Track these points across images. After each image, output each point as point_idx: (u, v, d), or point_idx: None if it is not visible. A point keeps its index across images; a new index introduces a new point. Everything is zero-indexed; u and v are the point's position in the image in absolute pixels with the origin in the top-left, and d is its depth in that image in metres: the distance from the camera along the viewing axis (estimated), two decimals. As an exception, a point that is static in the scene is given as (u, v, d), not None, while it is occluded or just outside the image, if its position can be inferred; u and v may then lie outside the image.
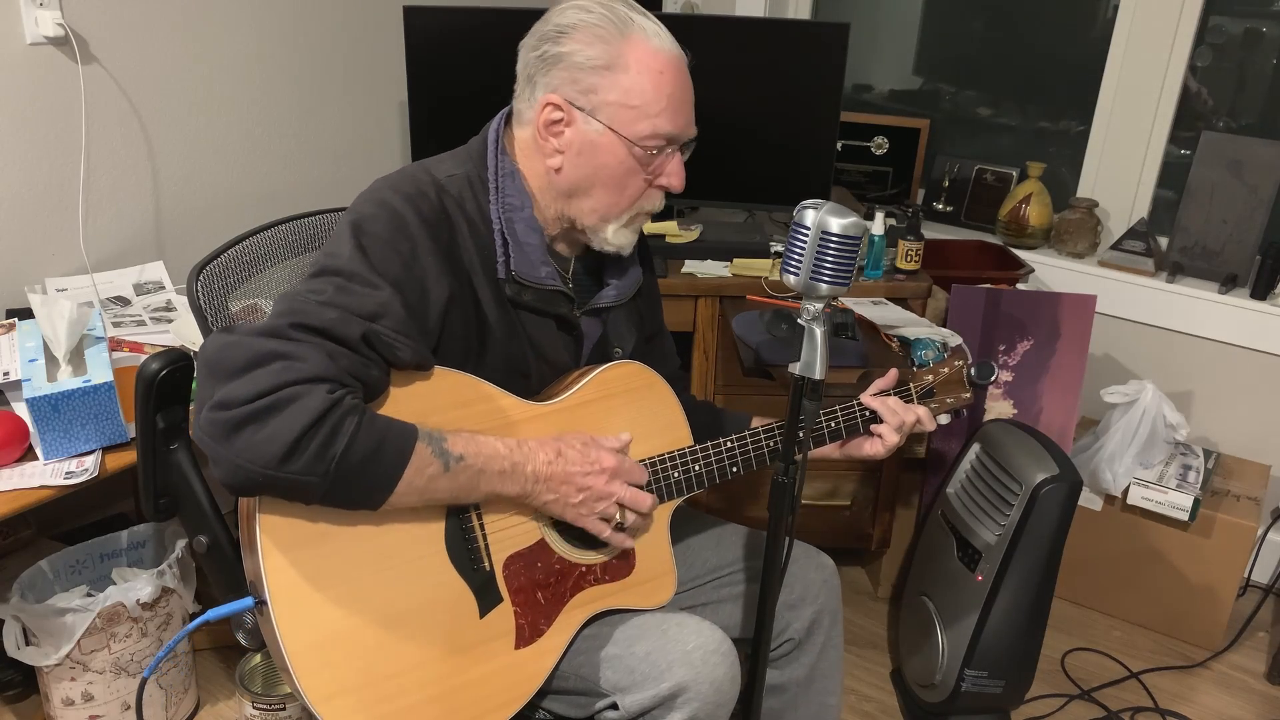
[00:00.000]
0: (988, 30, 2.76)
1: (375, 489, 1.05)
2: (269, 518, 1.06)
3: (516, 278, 1.22)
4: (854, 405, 1.40)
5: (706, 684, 1.18)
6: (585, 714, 1.26)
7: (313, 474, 1.00)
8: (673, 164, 1.25)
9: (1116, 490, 2.21)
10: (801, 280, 1.09)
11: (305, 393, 1.00)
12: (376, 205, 1.15)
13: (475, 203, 1.21)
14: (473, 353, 1.21)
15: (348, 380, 1.04)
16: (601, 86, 1.17)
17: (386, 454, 1.04)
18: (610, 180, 1.21)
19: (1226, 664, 2.20)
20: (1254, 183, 2.34)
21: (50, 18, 1.83)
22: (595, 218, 1.24)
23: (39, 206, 1.92)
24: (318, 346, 1.03)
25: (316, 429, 0.99)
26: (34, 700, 1.85)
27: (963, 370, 1.45)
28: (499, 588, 1.20)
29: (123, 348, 1.79)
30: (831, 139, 2.24)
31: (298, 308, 1.05)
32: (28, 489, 1.50)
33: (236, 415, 0.98)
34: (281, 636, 1.06)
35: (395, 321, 1.08)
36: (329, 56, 2.41)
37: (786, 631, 1.40)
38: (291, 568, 1.07)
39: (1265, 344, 2.35)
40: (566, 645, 1.25)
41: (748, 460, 1.34)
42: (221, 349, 1.01)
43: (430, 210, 1.16)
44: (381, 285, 1.09)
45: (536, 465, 1.16)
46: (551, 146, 1.21)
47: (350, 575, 1.10)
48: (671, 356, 1.53)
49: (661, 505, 1.31)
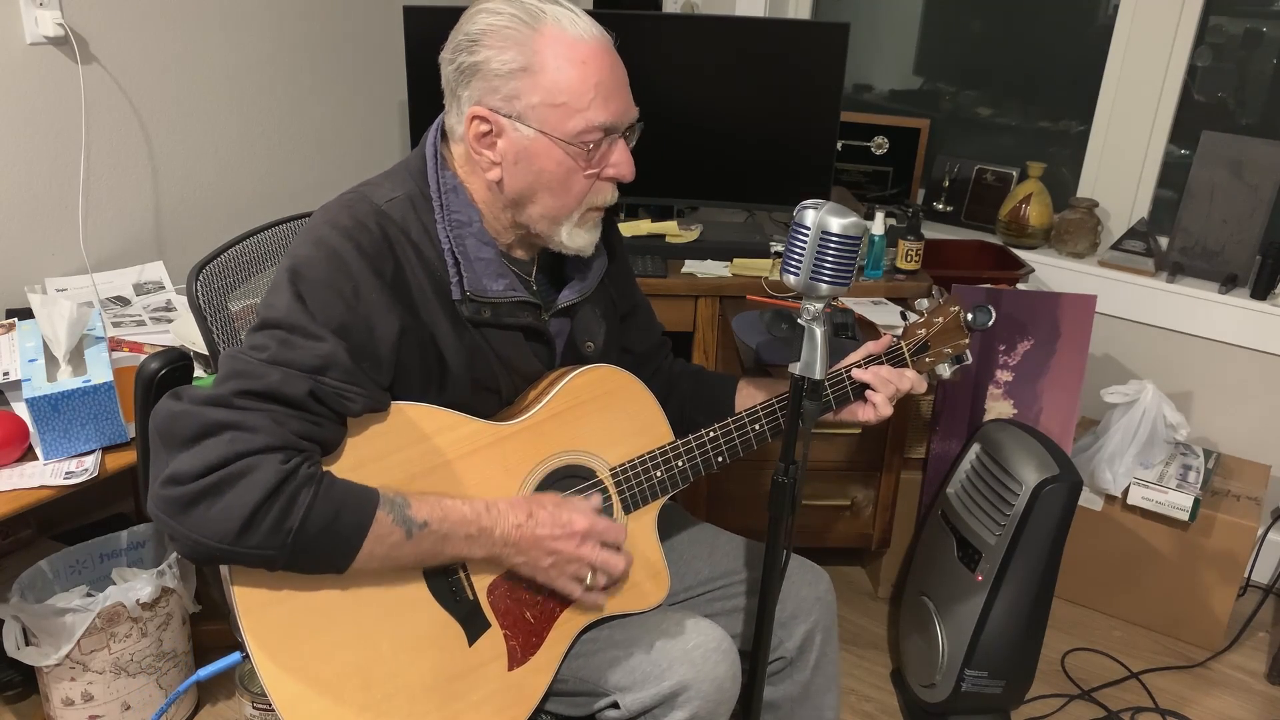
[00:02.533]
0: (988, 30, 2.76)
1: (336, 558, 1.04)
2: (241, 577, 1.05)
3: (472, 296, 1.17)
4: (843, 376, 1.34)
5: (708, 682, 1.18)
6: (586, 713, 1.25)
7: (269, 548, 0.99)
8: (616, 153, 1.18)
9: (1116, 490, 2.21)
10: (801, 280, 1.09)
11: (257, 465, 0.98)
12: (313, 245, 1.10)
13: (420, 224, 1.16)
14: (434, 381, 1.18)
15: (300, 444, 1.02)
16: (523, 90, 1.12)
17: (344, 524, 1.03)
18: (553, 183, 1.16)
19: (1226, 664, 2.20)
20: (1254, 183, 2.33)
21: (50, 18, 1.83)
22: (546, 223, 1.19)
23: (39, 206, 1.92)
24: (265, 413, 1.01)
25: (270, 503, 0.98)
26: (34, 700, 1.85)
27: (959, 315, 1.38)
28: (485, 614, 1.18)
29: (123, 348, 1.79)
30: (831, 139, 2.24)
31: (241, 369, 1.03)
32: (28, 489, 1.50)
33: (189, 491, 0.97)
34: (269, 690, 1.06)
35: (341, 372, 1.05)
36: (329, 57, 2.41)
37: (778, 649, 1.37)
38: (268, 625, 1.06)
39: (1265, 344, 2.35)
40: (562, 658, 1.24)
41: (733, 448, 1.31)
42: (170, 419, 1.00)
43: (370, 243, 1.11)
44: (324, 335, 1.05)
45: (505, 529, 1.13)
46: (487, 159, 1.16)
47: (330, 623, 1.09)
48: (652, 328, 1.49)
49: (648, 505, 1.29)
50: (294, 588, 1.07)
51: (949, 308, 1.38)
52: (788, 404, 1.20)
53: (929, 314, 1.39)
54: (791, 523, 1.18)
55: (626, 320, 1.43)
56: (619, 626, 1.26)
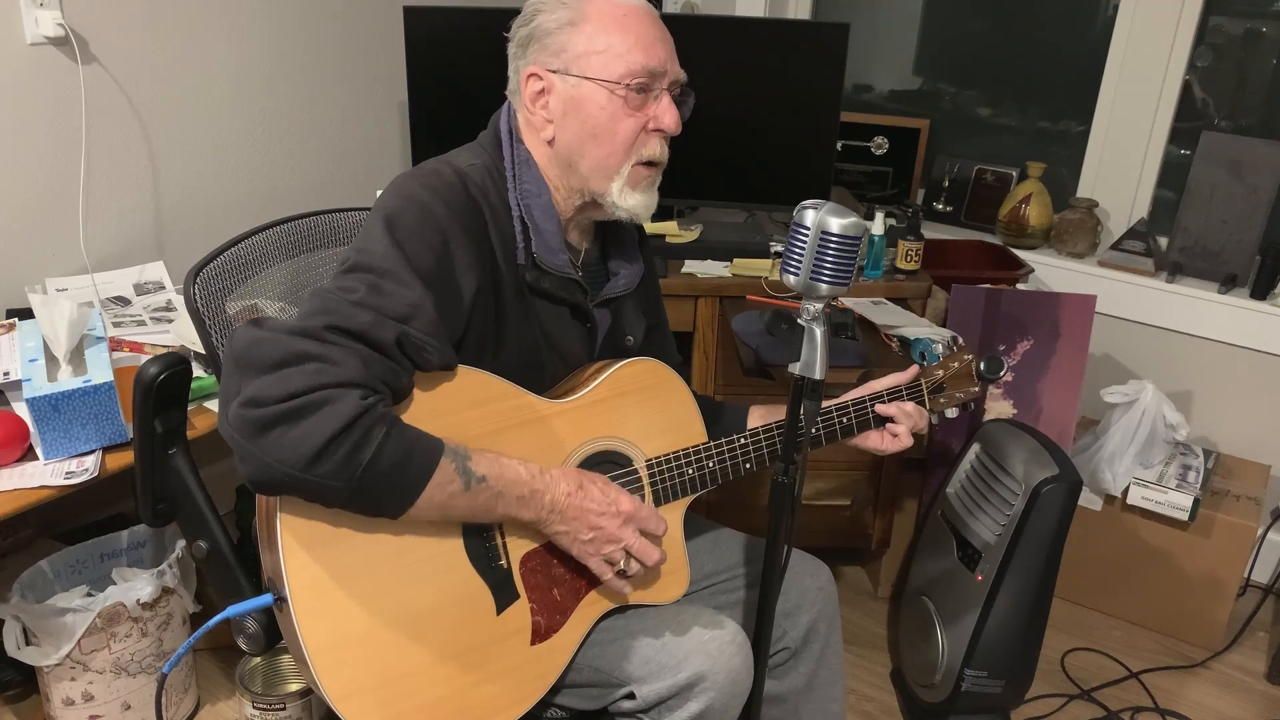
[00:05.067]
0: (988, 30, 2.76)
1: (397, 499, 1.05)
2: (290, 516, 1.06)
3: (537, 263, 1.23)
4: (866, 403, 1.41)
5: (723, 674, 1.19)
6: (600, 706, 1.26)
7: (338, 479, 1.00)
8: (662, 105, 1.24)
9: (1116, 490, 2.21)
10: (801, 280, 1.09)
11: (338, 397, 0.99)
12: (405, 199, 1.15)
13: (496, 192, 1.22)
14: (490, 342, 1.21)
15: (379, 387, 1.04)
16: (569, 43, 1.19)
17: (412, 466, 1.04)
18: (599, 130, 1.21)
19: (1226, 664, 2.20)
20: (1254, 183, 2.34)
21: (50, 18, 1.83)
22: (598, 178, 1.24)
23: (39, 206, 1.92)
24: (353, 351, 1.03)
25: (346, 434, 0.99)
26: (34, 700, 1.85)
27: (972, 365, 1.46)
28: (516, 585, 1.20)
29: (123, 348, 1.79)
30: (831, 139, 2.24)
31: (332, 307, 1.05)
32: (28, 489, 1.50)
33: (267, 414, 0.97)
34: (302, 635, 1.06)
35: (426, 323, 1.09)
36: (329, 57, 2.41)
37: (782, 640, 1.40)
38: (312, 566, 1.07)
39: (1265, 344, 2.35)
40: (581, 641, 1.25)
41: (761, 457, 1.35)
42: (252, 344, 1.01)
43: (459, 200, 1.17)
44: (414, 284, 1.09)
45: (556, 495, 1.15)
46: (541, 118, 1.23)
47: (369, 574, 1.10)
48: (672, 353, 1.53)
49: (676, 501, 1.32)
50: (343, 532, 1.08)
51: (963, 356, 1.47)
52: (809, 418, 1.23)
53: (945, 359, 1.48)
54: (791, 523, 1.19)
55: (649, 337, 1.47)
56: (635, 617, 1.28)
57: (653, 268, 1.49)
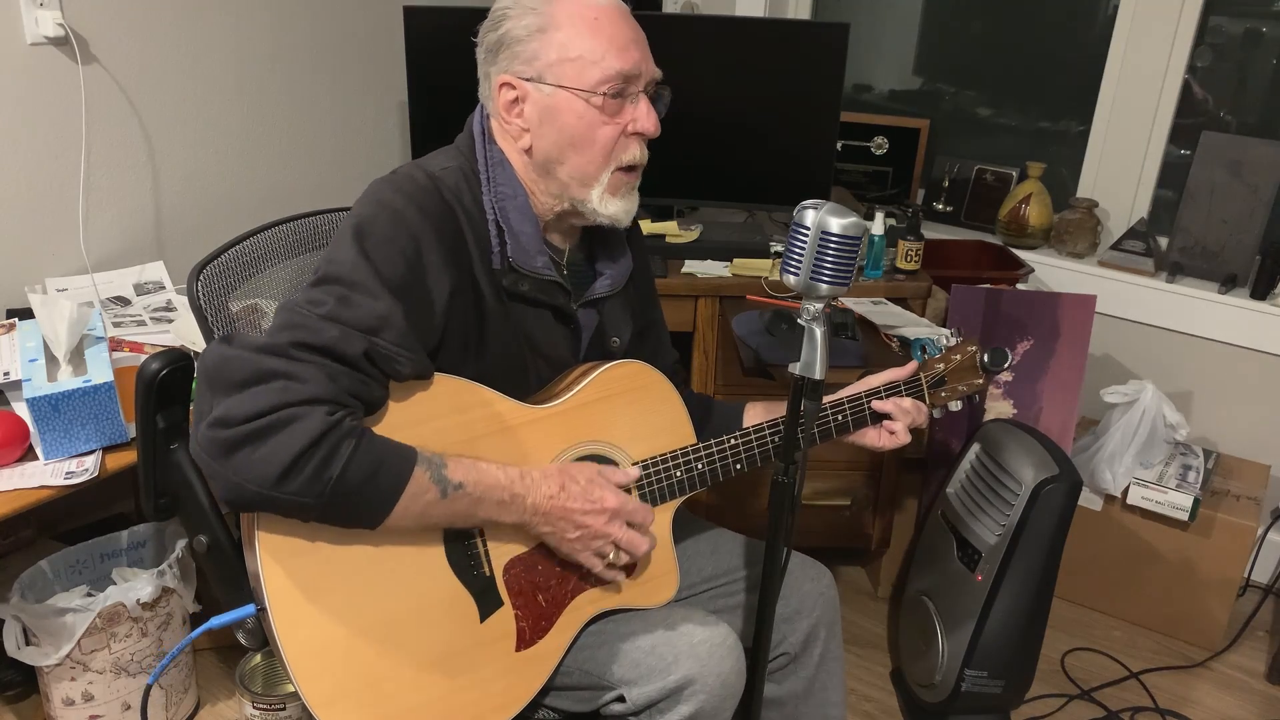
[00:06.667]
0: (988, 30, 2.76)
1: (371, 511, 1.06)
2: (267, 529, 1.06)
3: (514, 266, 1.22)
4: (862, 401, 1.40)
5: (714, 677, 1.19)
6: (590, 708, 1.26)
7: (308, 495, 1.00)
8: (640, 108, 1.21)
9: (1116, 490, 2.21)
10: (801, 280, 1.09)
11: (304, 414, 1.00)
12: (377, 206, 1.14)
13: (470, 195, 1.21)
14: (472, 346, 1.21)
15: (347, 400, 1.04)
16: (540, 50, 1.17)
17: (383, 478, 1.04)
18: (577, 138, 1.19)
19: (1226, 664, 2.20)
20: (1254, 183, 2.34)
21: (50, 18, 1.83)
22: (577, 185, 1.22)
23: (39, 206, 1.92)
24: (319, 367, 1.03)
25: (313, 451, 0.99)
26: (34, 700, 1.85)
27: (975, 356, 1.45)
28: (499, 592, 1.20)
29: (123, 348, 1.79)
30: (831, 139, 2.24)
31: (299, 322, 1.05)
32: (28, 489, 1.50)
33: (235, 434, 0.98)
34: (281, 643, 1.07)
35: (395, 334, 1.08)
36: (329, 56, 2.41)
37: (782, 645, 1.39)
38: (290, 575, 1.07)
39: (1265, 344, 2.35)
40: (568, 646, 1.25)
41: (751, 457, 1.34)
42: (221, 362, 1.01)
43: (432, 204, 1.15)
44: (382, 294, 1.08)
45: (537, 499, 1.15)
46: (517, 127, 1.21)
47: (349, 582, 1.10)
48: (666, 350, 1.52)
49: (664, 504, 1.31)
50: (320, 542, 1.08)
51: (967, 347, 1.45)
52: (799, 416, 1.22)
53: (948, 351, 1.45)
54: (791, 523, 1.19)
55: (643, 335, 1.46)
56: (625, 620, 1.27)
57: (645, 263, 1.47)
